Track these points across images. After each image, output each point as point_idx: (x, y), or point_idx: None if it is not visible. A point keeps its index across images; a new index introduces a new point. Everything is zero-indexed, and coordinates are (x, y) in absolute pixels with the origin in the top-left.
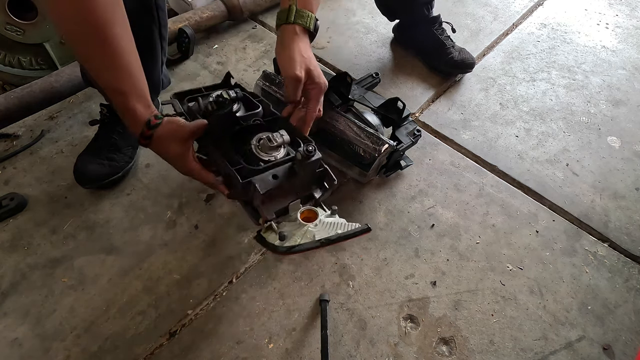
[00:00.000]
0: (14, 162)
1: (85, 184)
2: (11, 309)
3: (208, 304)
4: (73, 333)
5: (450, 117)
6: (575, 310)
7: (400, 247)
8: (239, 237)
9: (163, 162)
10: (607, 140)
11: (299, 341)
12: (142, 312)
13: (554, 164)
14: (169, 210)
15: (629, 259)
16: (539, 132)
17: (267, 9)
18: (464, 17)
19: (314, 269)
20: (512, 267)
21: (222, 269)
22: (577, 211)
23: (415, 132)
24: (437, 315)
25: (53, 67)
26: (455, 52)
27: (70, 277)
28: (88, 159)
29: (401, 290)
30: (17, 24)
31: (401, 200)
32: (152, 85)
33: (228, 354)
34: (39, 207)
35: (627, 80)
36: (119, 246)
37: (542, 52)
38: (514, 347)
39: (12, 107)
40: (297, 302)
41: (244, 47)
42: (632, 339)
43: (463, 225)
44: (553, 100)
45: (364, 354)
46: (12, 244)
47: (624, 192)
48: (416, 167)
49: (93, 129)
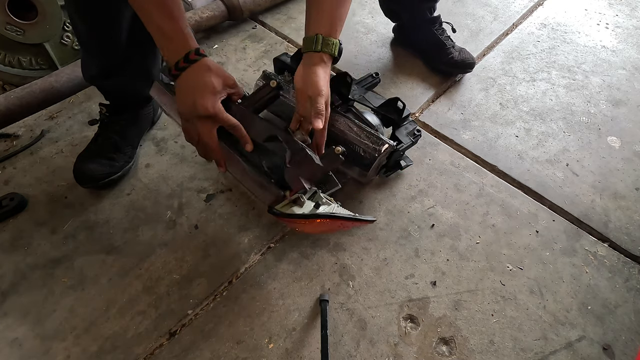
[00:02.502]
0: (14, 162)
1: (85, 184)
2: (11, 309)
3: (208, 304)
4: (73, 333)
5: (450, 117)
6: (575, 310)
7: (400, 247)
8: (239, 237)
9: (163, 162)
10: (607, 140)
11: (299, 341)
12: (142, 312)
13: (554, 164)
14: (169, 210)
15: (629, 259)
16: (539, 132)
17: (267, 9)
18: (464, 17)
19: (314, 269)
20: (512, 267)
21: (222, 269)
22: (577, 211)
23: (415, 132)
24: (437, 315)
25: (53, 67)
26: (455, 52)
27: (70, 277)
28: (88, 158)
29: (401, 290)
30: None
31: (401, 200)
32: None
33: (228, 354)
34: (39, 207)
35: (627, 80)
36: (119, 246)
37: (542, 52)
38: (514, 347)
39: (12, 107)
40: (297, 302)
41: (244, 47)
42: (632, 339)
43: (463, 225)
44: (553, 100)
45: (364, 354)
46: (12, 244)
47: (624, 192)
48: (416, 167)
49: (93, 129)
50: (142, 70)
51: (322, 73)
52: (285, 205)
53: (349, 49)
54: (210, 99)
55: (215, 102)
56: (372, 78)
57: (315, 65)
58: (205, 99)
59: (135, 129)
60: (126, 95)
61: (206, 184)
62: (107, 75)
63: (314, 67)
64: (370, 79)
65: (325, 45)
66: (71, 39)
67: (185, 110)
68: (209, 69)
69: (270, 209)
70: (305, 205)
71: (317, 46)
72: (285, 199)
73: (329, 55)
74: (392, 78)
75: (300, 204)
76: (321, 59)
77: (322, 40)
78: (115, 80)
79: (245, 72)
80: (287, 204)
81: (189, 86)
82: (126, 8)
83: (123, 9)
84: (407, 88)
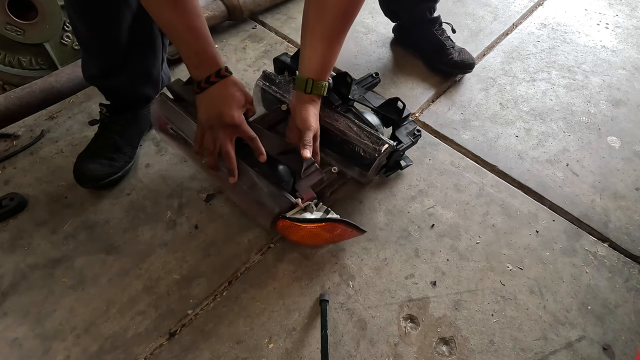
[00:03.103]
0: (14, 162)
1: (85, 184)
2: (11, 309)
3: (208, 304)
4: (73, 333)
5: (450, 117)
6: (575, 310)
7: (400, 247)
8: (239, 237)
9: (163, 162)
10: (607, 140)
11: (299, 341)
12: (142, 312)
13: (554, 164)
14: (169, 210)
15: (629, 259)
16: (539, 132)
17: (267, 9)
18: (464, 17)
19: (314, 269)
20: (512, 267)
21: (222, 269)
22: (577, 211)
23: (415, 132)
24: (437, 315)
25: (53, 67)
26: (455, 52)
27: (70, 277)
28: (88, 158)
29: (401, 290)
30: (17, 24)
31: (401, 200)
32: (152, 81)
33: (228, 354)
34: (39, 207)
35: (627, 80)
36: (119, 246)
37: (542, 52)
38: (514, 347)
39: (12, 107)
40: (297, 302)
41: (244, 47)
42: (632, 339)
43: (463, 225)
44: (553, 100)
45: (364, 354)
46: (12, 244)
47: (624, 192)
48: (416, 167)
49: (93, 129)
50: (142, 71)
51: (312, 110)
52: (296, 212)
53: (349, 49)
54: (236, 110)
55: (240, 114)
56: (372, 78)
57: (306, 103)
58: (233, 109)
59: (135, 129)
60: (126, 95)
61: (206, 184)
62: (107, 75)
63: (305, 104)
64: (370, 79)
65: (315, 88)
66: (71, 39)
67: (209, 118)
68: (235, 84)
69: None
70: (315, 212)
71: (308, 89)
72: (296, 206)
73: (318, 95)
74: (392, 78)
75: (311, 210)
76: (311, 98)
77: (312, 84)
78: (116, 80)
79: (246, 72)
80: (297, 212)
81: (218, 97)
82: (126, 8)
83: (123, 9)
84: (407, 88)
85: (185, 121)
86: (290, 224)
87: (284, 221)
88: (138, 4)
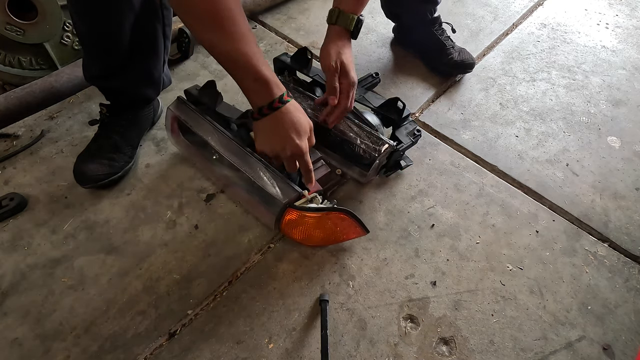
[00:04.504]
0: (14, 162)
1: (85, 184)
2: (11, 309)
3: (208, 304)
4: (73, 333)
5: (450, 117)
6: (575, 310)
7: (400, 247)
8: (239, 237)
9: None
10: (607, 140)
11: (299, 341)
12: (142, 312)
13: (554, 164)
14: (169, 210)
15: (629, 259)
16: (539, 132)
17: (267, 9)
18: (464, 17)
19: (314, 269)
20: (512, 267)
21: (222, 269)
22: (577, 211)
23: (415, 132)
24: (437, 315)
25: (53, 67)
26: (455, 52)
27: (70, 277)
28: (88, 158)
29: (401, 290)
30: (17, 24)
31: (401, 200)
32: (153, 83)
33: (228, 354)
34: (39, 207)
35: (627, 80)
36: (119, 246)
37: (542, 52)
38: (514, 347)
39: (12, 107)
40: (297, 302)
41: None
42: (632, 339)
43: (463, 225)
44: (553, 100)
45: (364, 354)
46: (12, 244)
47: (624, 192)
48: (416, 167)
49: (93, 129)
50: (143, 72)
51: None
52: (303, 202)
53: None
54: (304, 140)
55: (307, 142)
56: (372, 78)
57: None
58: (301, 138)
59: (135, 129)
60: (127, 96)
61: (206, 184)
62: (108, 75)
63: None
64: (370, 79)
65: (341, 19)
66: (71, 39)
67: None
68: (298, 109)
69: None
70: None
71: (333, 19)
72: (303, 197)
73: (344, 29)
74: (392, 78)
75: (317, 202)
76: (337, 33)
77: (338, 14)
78: (116, 81)
79: None
80: (304, 202)
81: (283, 123)
82: (128, 9)
83: (125, 10)
84: (407, 88)
85: (201, 124)
86: (297, 215)
87: (290, 214)
88: (141, 6)
